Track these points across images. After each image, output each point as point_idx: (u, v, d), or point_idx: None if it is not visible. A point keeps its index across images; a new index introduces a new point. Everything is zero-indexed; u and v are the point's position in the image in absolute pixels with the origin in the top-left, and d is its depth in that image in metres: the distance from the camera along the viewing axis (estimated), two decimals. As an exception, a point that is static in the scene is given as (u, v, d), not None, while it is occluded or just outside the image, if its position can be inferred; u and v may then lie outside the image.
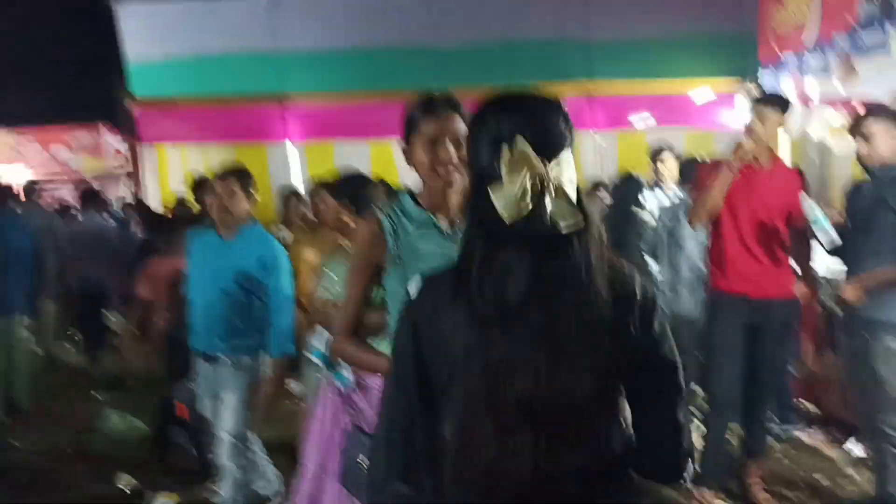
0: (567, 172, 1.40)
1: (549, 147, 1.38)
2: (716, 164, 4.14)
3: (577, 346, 1.37)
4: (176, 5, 10.22)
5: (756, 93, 4.31)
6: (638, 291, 1.46)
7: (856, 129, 3.75)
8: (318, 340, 3.75)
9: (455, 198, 2.19)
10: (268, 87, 10.77)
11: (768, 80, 6.01)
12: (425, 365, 1.47)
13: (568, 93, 11.20)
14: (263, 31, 10.46)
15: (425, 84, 8.76)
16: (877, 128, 3.68)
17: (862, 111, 4.18)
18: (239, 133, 11.45)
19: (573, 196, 1.40)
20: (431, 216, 2.19)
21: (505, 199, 1.37)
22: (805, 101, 5.89)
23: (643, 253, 5.64)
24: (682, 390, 1.50)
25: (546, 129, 1.40)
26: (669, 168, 6.05)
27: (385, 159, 14.84)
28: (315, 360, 3.81)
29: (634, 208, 5.87)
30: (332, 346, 2.38)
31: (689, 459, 1.51)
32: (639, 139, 14.86)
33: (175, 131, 11.16)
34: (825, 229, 5.03)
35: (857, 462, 4.71)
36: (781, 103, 4.14)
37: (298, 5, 10.61)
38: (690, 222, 4.27)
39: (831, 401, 5.14)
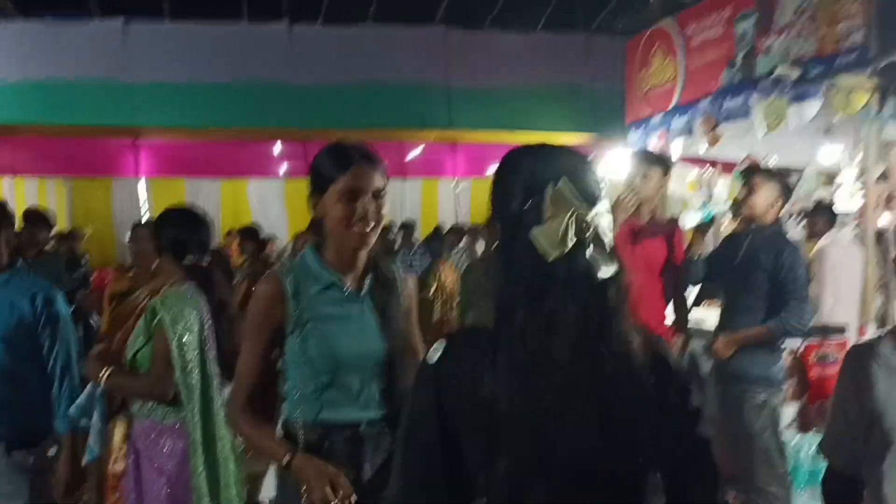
0: (604, 221, 1.35)
1: (589, 194, 1.33)
2: None
3: (624, 405, 1.28)
4: (24, 24, 9.52)
5: (639, 152, 4.41)
6: (670, 355, 1.40)
7: (746, 181, 3.91)
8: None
9: (363, 256, 2.08)
10: (117, 119, 10.18)
11: (635, 138, 6.26)
12: (453, 445, 1.32)
13: (429, 139, 11.36)
14: (116, 60, 9.88)
15: (283, 123, 8.62)
16: (763, 184, 3.85)
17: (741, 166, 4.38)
18: (82, 166, 10.80)
19: (609, 244, 1.35)
20: (337, 276, 2.05)
21: (547, 237, 1.30)
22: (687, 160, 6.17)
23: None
24: (719, 472, 1.40)
25: (585, 176, 1.35)
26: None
27: (237, 198, 14.51)
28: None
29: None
30: (228, 420, 2.17)
31: None
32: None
33: (10, 162, 10.34)
34: None
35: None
36: (664, 163, 4.28)
37: (154, 36, 10.09)
38: None
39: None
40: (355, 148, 2.03)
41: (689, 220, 5.28)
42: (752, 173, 3.99)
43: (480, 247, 10.16)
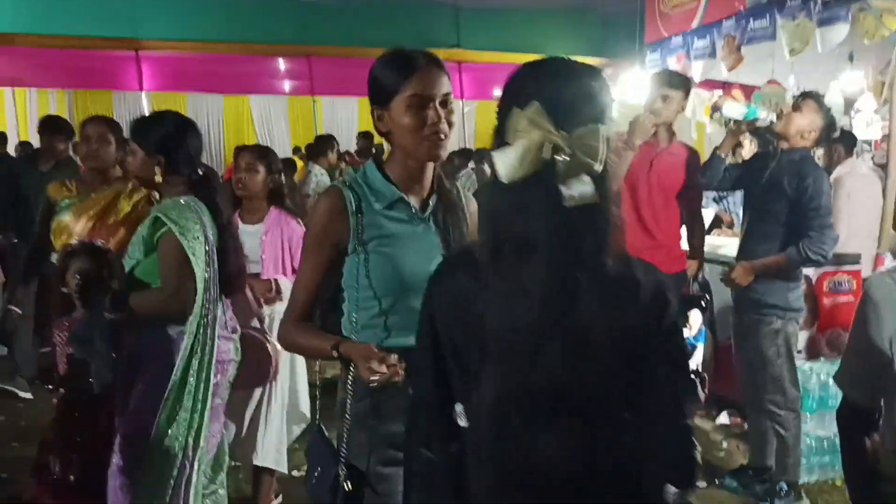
0: (588, 146, 1.30)
1: (568, 118, 1.31)
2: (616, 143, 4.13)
3: (601, 327, 1.30)
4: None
5: (660, 72, 4.30)
6: (651, 280, 1.37)
7: (796, 98, 3.83)
8: None
9: (429, 173, 1.99)
10: (119, 30, 9.96)
11: (653, 60, 6.12)
12: (445, 357, 1.44)
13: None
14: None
15: (287, 39, 8.45)
16: (811, 106, 3.76)
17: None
18: (84, 78, 10.60)
19: (590, 170, 1.30)
20: (402, 192, 1.96)
21: (502, 160, 1.31)
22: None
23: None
24: (693, 389, 1.45)
25: (566, 99, 1.33)
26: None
27: (239, 114, 14.32)
28: None
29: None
30: (279, 339, 2.10)
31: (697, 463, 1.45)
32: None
33: (11, 73, 10.14)
34: None
35: (730, 434, 4.93)
36: (684, 84, 4.19)
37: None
38: None
39: (702, 375, 5.33)
40: (417, 52, 1.91)
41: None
42: (806, 95, 3.88)
43: (487, 170, 10.10)
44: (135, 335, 2.81)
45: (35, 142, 9.01)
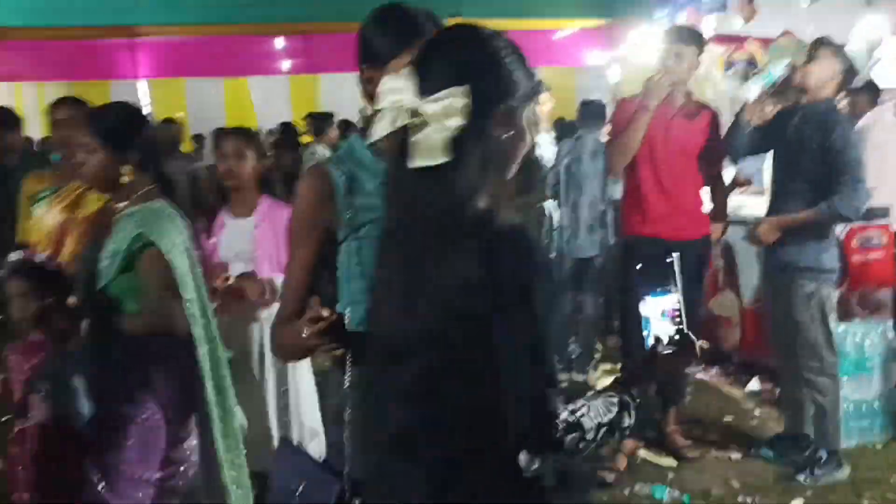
0: (441, 112, 1.31)
1: (425, 83, 1.34)
2: (629, 106, 3.96)
3: (447, 284, 1.32)
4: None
5: (671, 29, 4.09)
6: (510, 241, 1.32)
7: (810, 49, 3.63)
8: None
9: None
10: (113, 18, 9.74)
11: (662, 17, 5.91)
12: None
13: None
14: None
15: (284, 18, 8.21)
16: (828, 56, 3.57)
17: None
18: (81, 69, 10.42)
19: (443, 133, 1.30)
20: None
21: (372, 126, 1.37)
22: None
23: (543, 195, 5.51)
24: (546, 354, 1.35)
25: (427, 65, 1.37)
26: (546, 109, 5.93)
27: (239, 97, 14.14)
28: None
29: (531, 149, 5.66)
30: (271, 339, 1.88)
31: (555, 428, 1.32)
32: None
33: (7, 69, 9.96)
34: None
35: (762, 401, 4.78)
36: (697, 39, 3.99)
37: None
38: (610, 168, 4.13)
39: (729, 340, 5.18)
40: (420, 13, 1.70)
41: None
42: (819, 43, 3.67)
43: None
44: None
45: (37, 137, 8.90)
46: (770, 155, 4.02)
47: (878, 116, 4.98)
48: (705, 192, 4.17)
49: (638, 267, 1.67)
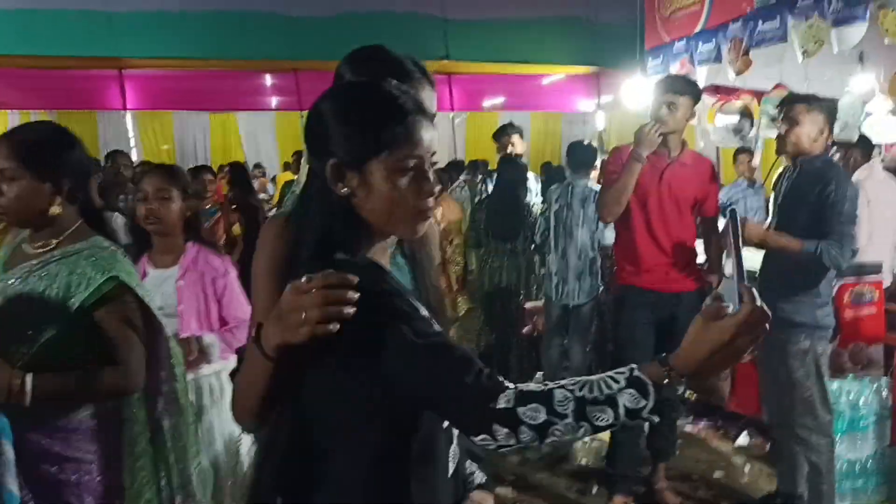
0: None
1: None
2: (622, 154, 3.92)
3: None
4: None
5: (665, 78, 4.06)
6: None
7: (784, 112, 3.60)
8: None
9: None
10: (101, 49, 9.70)
11: (654, 66, 5.92)
12: None
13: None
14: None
15: (273, 55, 8.21)
16: (806, 114, 3.55)
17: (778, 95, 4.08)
18: (67, 99, 10.34)
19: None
20: None
21: None
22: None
23: (533, 242, 5.45)
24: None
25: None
26: (519, 149, 5.94)
27: (226, 131, 14.09)
28: None
29: (521, 194, 5.63)
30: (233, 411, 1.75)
31: None
32: (490, 121, 14.91)
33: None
34: None
35: (751, 457, 4.69)
36: (692, 89, 3.96)
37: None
38: (603, 217, 4.07)
39: (718, 393, 5.09)
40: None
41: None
42: (791, 103, 3.65)
43: (479, 181, 9.90)
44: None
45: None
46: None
47: (873, 171, 4.98)
48: (699, 245, 4.13)
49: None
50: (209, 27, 10.20)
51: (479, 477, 1.64)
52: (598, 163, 5.68)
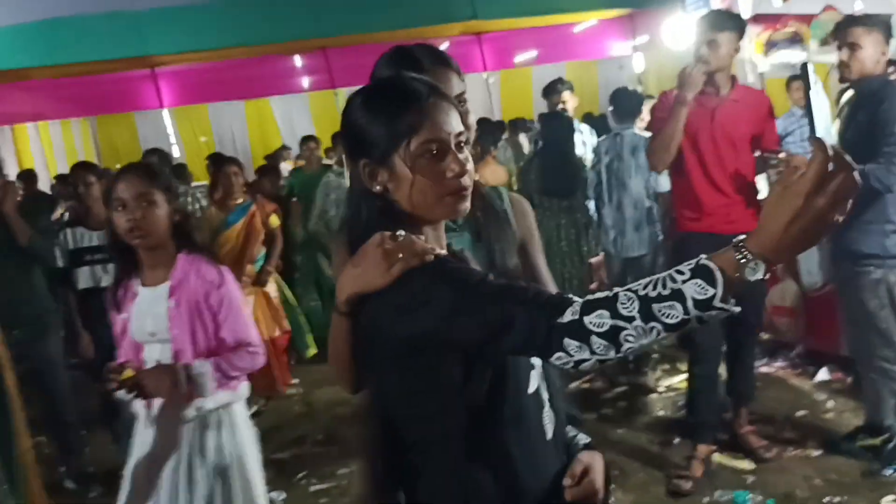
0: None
1: None
2: (667, 100, 3.81)
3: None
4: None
5: (705, 15, 3.89)
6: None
7: (841, 37, 3.45)
8: None
9: None
10: (130, 50, 9.71)
11: (694, 2, 5.72)
12: None
13: (453, 33, 10.79)
14: (119, -13, 9.37)
15: (300, 35, 8.12)
16: (866, 38, 3.40)
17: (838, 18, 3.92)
18: (103, 103, 10.42)
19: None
20: None
21: None
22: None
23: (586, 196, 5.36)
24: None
25: None
26: (571, 105, 5.80)
27: (262, 118, 14.12)
28: None
29: (570, 149, 5.51)
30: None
31: None
32: (523, 78, 14.69)
33: (32, 108, 9.98)
34: None
35: (833, 392, 4.59)
36: (735, 24, 3.81)
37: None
38: (653, 166, 3.97)
39: (792, 330, 4.98)
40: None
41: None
42: (850, 26, 3.49)
43: (523, 140, 9.76)
44: None
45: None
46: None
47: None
48: (761, 181, 4.00)
49: None
50: (234, 15, 10.12)
51: (584, 439, 1.63)
52: (644, 108, 5.53)
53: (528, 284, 1.33)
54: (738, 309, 1.15)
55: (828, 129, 3.44)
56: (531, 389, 1.45)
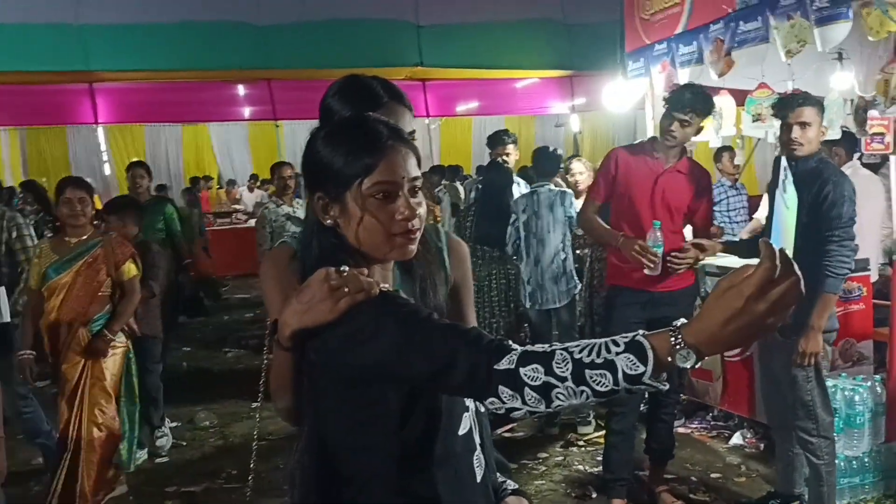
0: None
1: None
2: (611, 164, 3.97)
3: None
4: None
5: (684, 95, 3.82)
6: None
7: (793, 116, 3.56)
8: None
9: None
10: (71, 64, 9.53)
11: (635, 68, 5.91)
12: None
13: (399, 77, 10.89)
14: (67, 1, 9.21)
15: (246, 65, 8.07)
16: (815, 117, 3.54)
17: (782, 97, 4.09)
18: (37, 115, 10.16)
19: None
20: None
21: None
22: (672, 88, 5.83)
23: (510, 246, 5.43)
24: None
25: None
26: (512, 158, 5.91)
27: (199, 143, 13.96)
28: None
29: (507, 200, 5.60)
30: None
31: None
32: (464, 127, 14.88)
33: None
34: None
35: (746, 456, 4.69)
36: (709, 108, 3.87)
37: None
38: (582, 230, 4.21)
39: (710, 393, 5.10)
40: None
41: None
42: (799, 105, 3.59)
43: (459, 187, 9.87)
44: None
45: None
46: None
47: (856, 168, 5.02)
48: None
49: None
50: (180, 38, 10.06)
51: (512, 485, 1.65)
52: (562, 166, 5.72)
53: (471, 327, 1.35)
54: (666, 386, 1.18)
55: (790, 227, 3.52)
56: (462, 431, 1.46)
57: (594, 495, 4.22)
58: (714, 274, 4.88)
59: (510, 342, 1.27)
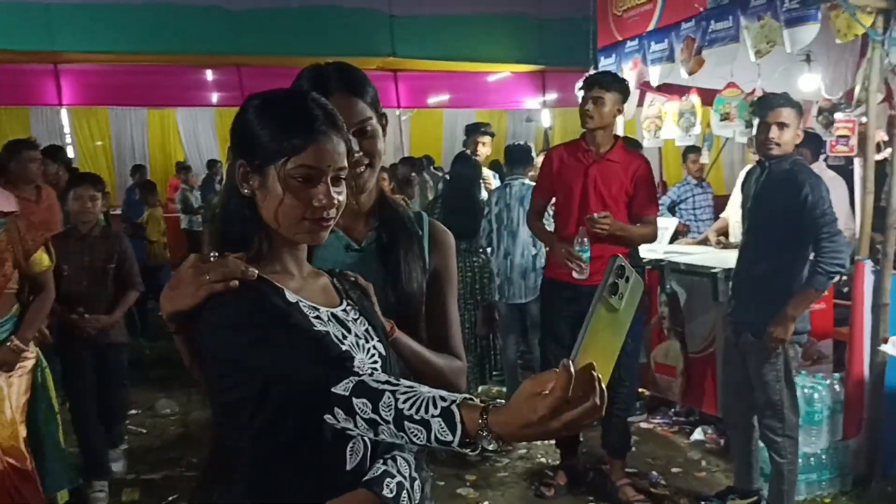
0: None
1: None
2: (550, 163, 4.10)
3: None
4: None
5: (592, 75, 4.21)
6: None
7: (771, 116, 3.59)
8: None
9: (365, 198, 1.74)
10: (36, 43, 9.33)
11: (607, 65, 5.92)
12: None
13: (370, 67, 10.81)
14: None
15: (215, 49, 7.97)
16: (793, 118, 3.56)
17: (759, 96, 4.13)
18: (-1, 94, 9.96)
19: None
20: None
21: None
22: (644, 86, 5.88)
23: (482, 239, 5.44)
24: None
25: None
26: (485, 151, 5.92)
27: (165, 128, 13.75)
28: None
29: (476, 192, 5.60)
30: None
31: None
32: (435, 119, 14.84)
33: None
34: None
35: (706, 451, 4.74)
36: (621, 86, 4.03)
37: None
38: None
39: (673, 389, 5.14)
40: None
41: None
42: (778, 105, 3.60)
43: (428, 178, 9.84)
44: None
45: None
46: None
47: (822, 170, 5.07)
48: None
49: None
50: (148, 20, 9.88)
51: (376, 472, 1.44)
52: (535, 161, 5.72)
53: (326, 342, 1.36)
54: (475, 452, 1.16)
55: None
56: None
57: (553, 491, 4.22)
58: (679, 272, 4.92)
59: (354, 366, 1.33)
